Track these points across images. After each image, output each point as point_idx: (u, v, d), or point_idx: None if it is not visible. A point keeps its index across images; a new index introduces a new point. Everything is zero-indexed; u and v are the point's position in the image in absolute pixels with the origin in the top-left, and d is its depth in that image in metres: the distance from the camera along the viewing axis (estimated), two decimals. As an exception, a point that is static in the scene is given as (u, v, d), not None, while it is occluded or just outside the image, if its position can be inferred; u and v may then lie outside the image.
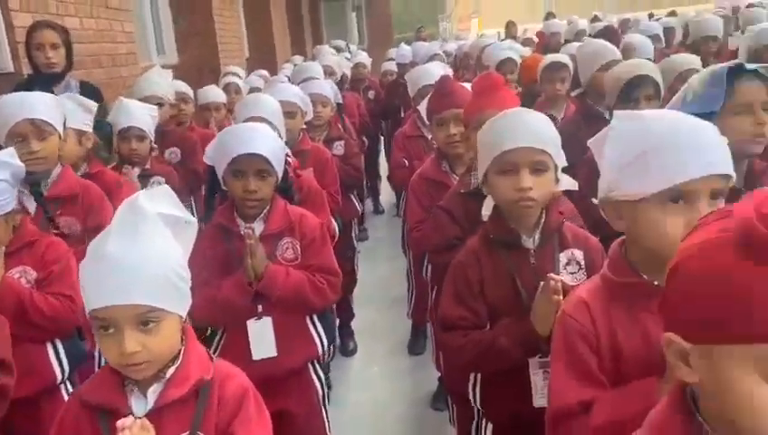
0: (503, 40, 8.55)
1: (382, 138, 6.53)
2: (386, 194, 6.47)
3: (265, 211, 2.05)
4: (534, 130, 1.62)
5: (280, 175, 2.05)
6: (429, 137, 3.15)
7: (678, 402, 0.82)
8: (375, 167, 6.39)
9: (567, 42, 6.28)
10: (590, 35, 6.37)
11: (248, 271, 1.93)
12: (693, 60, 3.16)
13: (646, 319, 1.19)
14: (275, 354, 1.97)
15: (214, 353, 2.00)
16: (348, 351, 3.81)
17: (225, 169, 2.00)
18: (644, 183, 1.16)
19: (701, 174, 1.11)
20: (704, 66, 2.63)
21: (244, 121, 2.53)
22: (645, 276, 1.20)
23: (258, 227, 2.03)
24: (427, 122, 2.85)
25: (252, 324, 1.97)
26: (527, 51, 5.95)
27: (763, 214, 0.70)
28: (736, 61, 1.83)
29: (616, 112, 1.29)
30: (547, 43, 7.17)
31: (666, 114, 1.27)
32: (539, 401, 1.58)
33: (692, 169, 1.12)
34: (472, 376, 1.76)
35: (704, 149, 1.14)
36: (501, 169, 1.62)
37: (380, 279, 4.83)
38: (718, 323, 0.72)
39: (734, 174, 1.16)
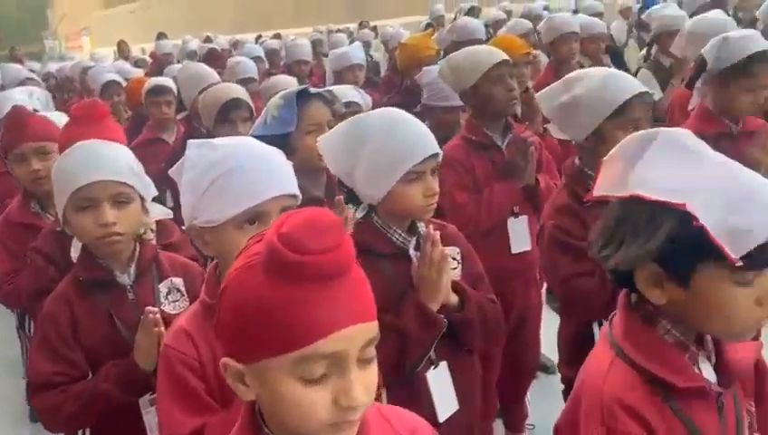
0: (117, 60, 8.15)
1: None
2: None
3: None
4: (111, 161, 1.55)
5: None
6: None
7: (248, 419, 0.86)
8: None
9: (180, 62, 6.29)
10: (200, 57, 6.49)
11: None
12: (291, 81, 3.47)
13: None
14: None
15: None
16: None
17: None
18: (221, 208, 1.21)
19: (271, 195, 1.22)
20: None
21: None
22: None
23: None
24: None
25: None
26: (139, 72, 5.77)
27: (282, 234, 0.76)
28: (304, 86, 2.06)
29: (189, 142, 1.33)
30: (161, 63, 7.05)
31: (236, 142, 1.35)
32: (155, 440, 1.52)
33: (263, 191, 1.21)
34: (80, 433, 1.61)
35: (272, 173, 1.25)
36: (79, 205, 1.52)
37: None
38: (258, 341, 0.77)
39: (299, 193, 1.29)
